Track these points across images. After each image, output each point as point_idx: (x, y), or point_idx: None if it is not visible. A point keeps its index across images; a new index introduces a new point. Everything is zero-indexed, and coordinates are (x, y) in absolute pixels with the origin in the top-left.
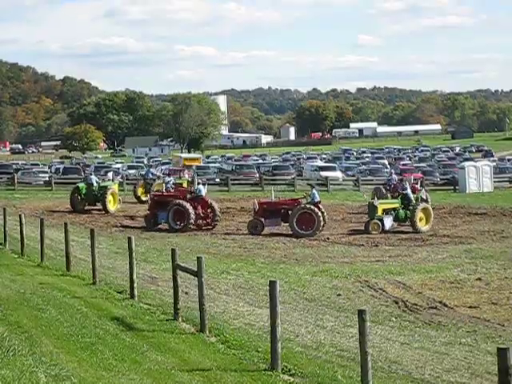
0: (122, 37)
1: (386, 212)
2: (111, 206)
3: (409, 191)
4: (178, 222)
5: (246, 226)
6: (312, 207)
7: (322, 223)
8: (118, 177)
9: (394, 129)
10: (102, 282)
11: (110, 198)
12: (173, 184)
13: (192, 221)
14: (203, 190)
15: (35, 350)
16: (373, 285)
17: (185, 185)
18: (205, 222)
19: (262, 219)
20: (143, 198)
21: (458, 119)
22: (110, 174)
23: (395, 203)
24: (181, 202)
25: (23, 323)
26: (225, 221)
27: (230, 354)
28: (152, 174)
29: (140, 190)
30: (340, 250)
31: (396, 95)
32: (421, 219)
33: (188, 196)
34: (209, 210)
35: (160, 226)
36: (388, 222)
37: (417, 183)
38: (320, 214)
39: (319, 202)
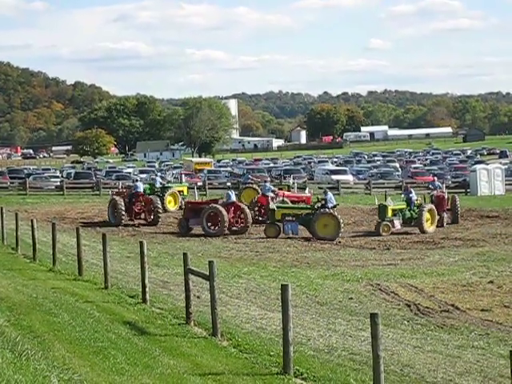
0: (132, 41)
1: (395, 213)
2: (170, 206)
3: (413, 195)
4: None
5: (255, 230)
6: (218, 207)
7: (226, 223)
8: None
9: (405, 132)
10: (114, 286)
11: (169, 198)
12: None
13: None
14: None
15: (48, 354)
16: (385, 288)
17: (185, 191)
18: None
19: (188, 219)
20: (171, 208)
21: (469, 122)
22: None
23: (402, 205)
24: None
25: (36, 328)
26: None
27: (242, 357)
28: (160, 182)
29: (169, 199)
30: (352, 253)
31: (407, 98)
32: (427, 220)
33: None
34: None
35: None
36: (397, 223)
37: (442, 190)
38: (224, 213)
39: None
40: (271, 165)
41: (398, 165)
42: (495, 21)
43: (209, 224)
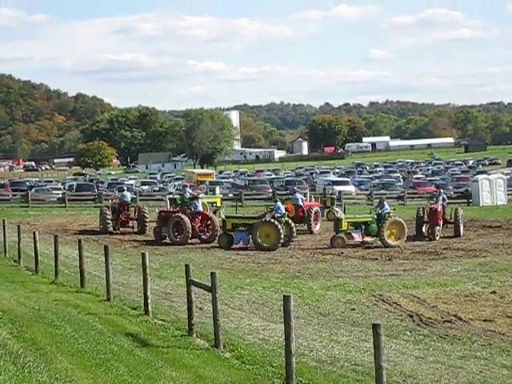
0: (134, 53)
1: (356, 226)
2: None
3: (385, 209)
4: (178, 235)
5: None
6: (182, 216)
7: (189, 232)
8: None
9: (407, 142)
10: (117, 298)
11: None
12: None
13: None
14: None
15: (50, 366)
16: (387, 299)
17: (218, 202)
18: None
19: (161, 227)
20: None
21: (470, 132)
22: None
23: (366, 218)
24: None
25: (38, 340)
26: None
27: (244, 369)
28: (189, 193)
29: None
30: (354, 264)
31: (409, 109)
32: (391, 234)
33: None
34: (208, 224)
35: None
36: (356, 235)
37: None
38: (187, 221)
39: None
40: (273, 176)
41: (399, 175)
42: (496, 31)
43: (175, 233)
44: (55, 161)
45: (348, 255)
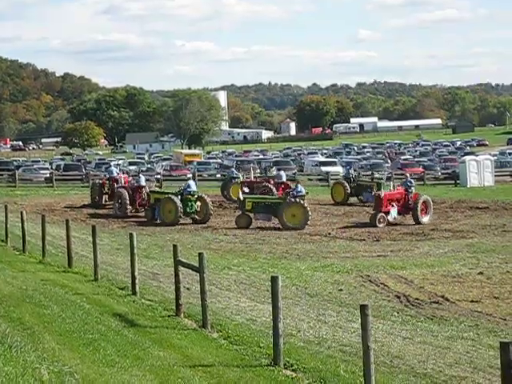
0: (122, 33)
1: (258, 205)
2: (233, 195)
3: (300, 192)
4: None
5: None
6: (120, 190)
7: (127, 204)
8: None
9: (395, 123)
10: (104, 278)
11: (234, 187)
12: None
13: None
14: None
15: (38, 346)
16: (374, 280)
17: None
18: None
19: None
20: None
21: (458, 113)
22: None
23: (274, 199)
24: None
25: (25, 320)
26: (217, 217)
27: (232, 349)
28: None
29: (234, 189)
30: (341, 244)
31: (396, 90)
32: (292, 216)
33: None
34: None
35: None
36: (261, 216)
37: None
38: (125, 194)
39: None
40: (261, 157)
41: (387, 155)
42: (483, 11)
43: (116, 204)
44: (42, 140)
45: (336, 236)
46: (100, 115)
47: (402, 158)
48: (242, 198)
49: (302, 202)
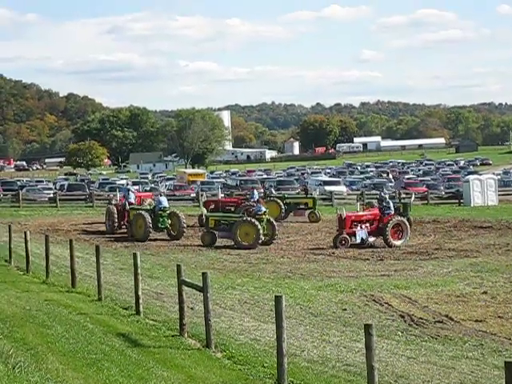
0: (125, 53)
1: (219, 223)
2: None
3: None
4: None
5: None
6: (110, 207)
7: (116, 222)
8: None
9: (398, 143)
10: (108, 298)
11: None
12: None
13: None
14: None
15: (41, 366)
16: (378, 299)
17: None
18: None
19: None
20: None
21: (461, 133)
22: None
23: (232, 216)
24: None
25: (29, 340)
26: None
27: (236, 369)
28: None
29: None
30: (345, 264)
31: (400, 109)
32: (245, 235)
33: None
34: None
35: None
36: (220, 233)
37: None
38: (115, 212)
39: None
40: (264, 176)
41: (391, 175)
42: (487, 31)
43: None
44: (46, 160)
45: (339, 255)
46: (104, 135)
47: (406, 177)
48: (205, 216)
49: (254, 221)
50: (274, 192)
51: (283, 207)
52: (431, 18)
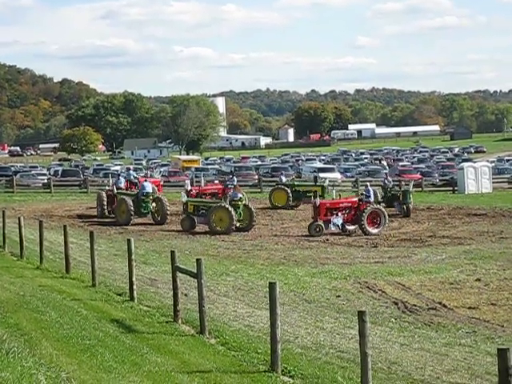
0: (120, 38)
1: (198, 209)
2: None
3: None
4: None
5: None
6: (101, 193)
7: (105, 206)
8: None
9: (393, 130)
10: (102, 284)
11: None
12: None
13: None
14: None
15: (35, 352)
16: (372, 286)
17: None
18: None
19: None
20: (279, 205)
21: (456, 120)
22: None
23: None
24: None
25: (23, 325)
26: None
27: (229, 355)
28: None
29: (278, 196)
30: (339, 251)
31: (394, 96)
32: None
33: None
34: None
35: None
36: (198, 219)
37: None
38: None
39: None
40: (259, 163)
41: (385, 163)
42: (483, 19)
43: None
44: (40, 146)
45: (333, 242)
46: (98, 121)
47: (400, 164)
48: (184, 200)
49: (227, 206)
50: (283, 179)
51: (290, 195)
52: (427, 5)
